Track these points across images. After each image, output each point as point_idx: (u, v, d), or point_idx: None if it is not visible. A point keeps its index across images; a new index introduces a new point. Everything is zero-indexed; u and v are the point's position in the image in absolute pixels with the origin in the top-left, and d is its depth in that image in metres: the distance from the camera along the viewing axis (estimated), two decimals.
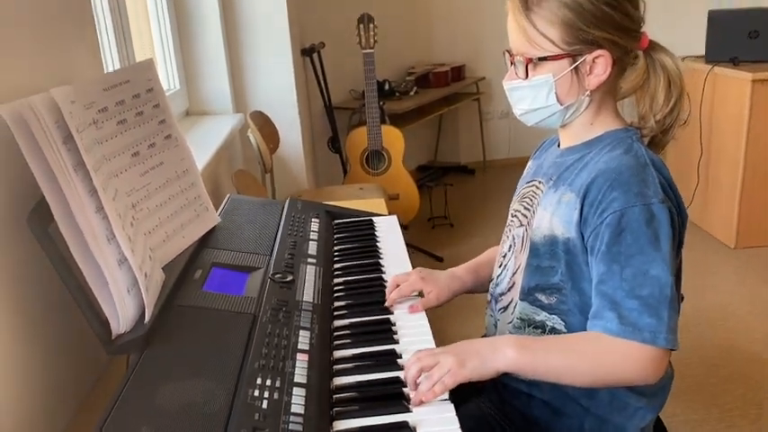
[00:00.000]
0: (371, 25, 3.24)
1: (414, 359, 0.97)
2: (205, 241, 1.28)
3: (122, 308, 0.92)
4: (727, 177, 3.25)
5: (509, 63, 1.09)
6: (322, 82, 3.56)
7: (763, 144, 3.09)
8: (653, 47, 1.07)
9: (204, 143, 2.32)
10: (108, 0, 1.95)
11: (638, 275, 0.97)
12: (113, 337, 0.93)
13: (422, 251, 3.34)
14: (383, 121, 3.44)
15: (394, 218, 1.63)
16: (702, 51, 3.34)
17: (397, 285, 1.21)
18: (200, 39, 2.76)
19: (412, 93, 4.06)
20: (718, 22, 3.26)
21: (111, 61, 1.94)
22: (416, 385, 0.95)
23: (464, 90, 4.49)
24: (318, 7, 3.77)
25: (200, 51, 2.78)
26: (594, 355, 0.99)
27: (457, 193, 4.23)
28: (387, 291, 1.22)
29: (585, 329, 1.02)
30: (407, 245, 1.49)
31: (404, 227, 3.32)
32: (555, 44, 1.03)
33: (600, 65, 1.03)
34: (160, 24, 2.62)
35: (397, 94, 4.02)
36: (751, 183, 3.15)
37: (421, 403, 0.92)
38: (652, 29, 1.09)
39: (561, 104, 1.07)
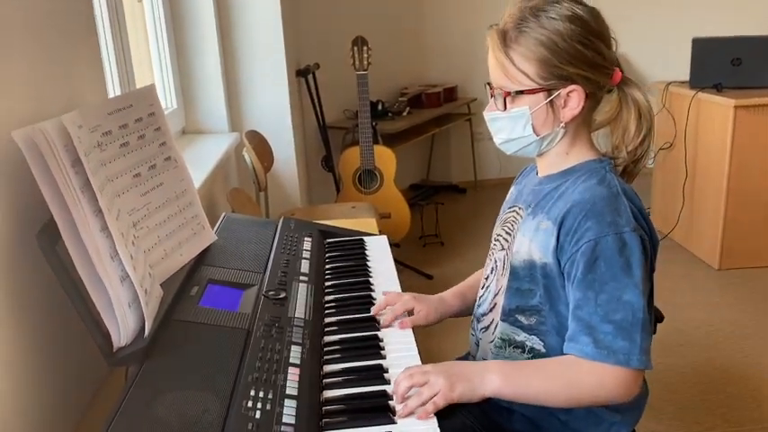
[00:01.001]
0: (365, 48, 3.32)
1: (405, 375, 1.03)
2: (202, 258, 1.33)
3: (123, 322, 0.97)
4: (711, 200, 3.33)
5: (489, 95, 1.16)
6: (316, 102, 3.63)
7: (746, 168, 3.17)
8: (625, 82, 1.14)
9: (200, 162, 2.38)
10: (110, 22, 2.02)
11: (612, 301, 1.03)
12: (114, 350, 0.98)
13: (412, 269, 3.39)
14: (376, 141, 3.50)
15: (384, 238, 1.68)
16: (687, 77, 3.44)
17: (387, 304, 1.26)
18: (197, 59, 2.83)
19: (405, 113, 4.13)
20: (702, 50, 3.36)
21: (111, 82, 2.00)
22: (404, 399, 1.00)
23: (456, 111, 4.56)
24: (314, 29, 3.86)
25: (198, 71, 2.85)
26: (572, 379, 1.05)
27: (448, 211, 4.30)
28: (377, 307, 1.26)
29: (562, 349, 1.08)
30: (398, 262, 1.54)
31: (395, 245, 3.37)
32: (531, 79, 1.09)
33: (573, 99, 1.09)
34: (159, 45, 2.69)
35: (390, 114, 4.09)
36: (734, 205, 3.22)
37: (409, 415, 0.97)
38: (638, 55, 1.16)
39: (537, 135, 1.13)
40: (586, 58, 1.07)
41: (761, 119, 3.12)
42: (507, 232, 1.22)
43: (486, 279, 1.28)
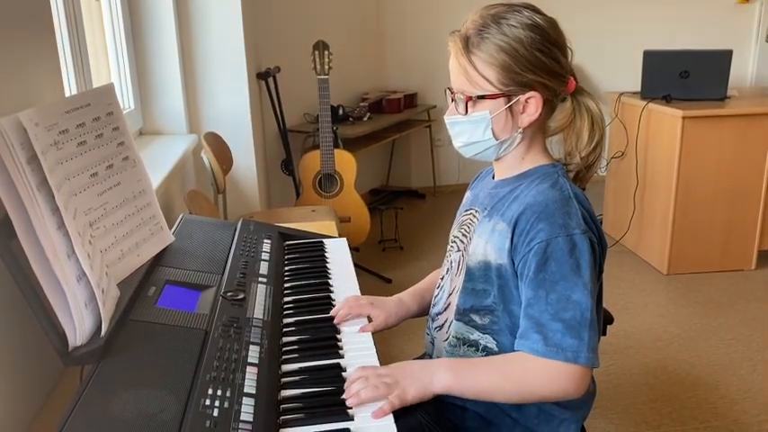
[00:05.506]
0: (326, 52, 3.33)
1: (359, 375, 1.04)
2: (159, 259, 1.32)
3: (80, 321, 0.97)
4: (660, 207, 3.45)
5: (450, 100, 1.19)
6: (277, 105, 3.63)
7: (693, 177, 3.30)
8: (579, 91, 1.18)
9: (158, 163, 2.35)
10: (66, 20, 1.99)
11: (562, 300, 1.06)
12: (70, 349, 0.97)
13: (371, 273, 3.41)
14: (336, 146, 3.51)
15: (344, 240, 1.69)
16: (638, 88, 3.56)
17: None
18: (156, 59, 2.80)
19: (365, 118, 4.16)
20: (653, 62, 3.48)
21: (67, 81, 1.97)
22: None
23: (416, 117, 4.61)
24: (275, 32, 3.85)
25: (156, 72, 2.81)
26: (521, 376, 1.09)
27: (407, 216, 4.34)
28: (336, 309, 1.28)
29: (514, 348, 1.11)
30: (358, 266, 1.56)
31: (355, 249, 3.39)
32: (492, 84, 1.12)
33: (532, 105, 1.13)
34: (116, 44, 2.65)
35: (351, 119, 4.11)
36: (682, 213, 3.34)
37: (360, 403, 1.00)
38: (592, 65, 1.20)
39: (497, 140, 1.16)
40: (545, 66, 1.11)
41: (707, 129, 3.25)
42: (464, 234, 1.25)
43: (442, 279, 1.31)
